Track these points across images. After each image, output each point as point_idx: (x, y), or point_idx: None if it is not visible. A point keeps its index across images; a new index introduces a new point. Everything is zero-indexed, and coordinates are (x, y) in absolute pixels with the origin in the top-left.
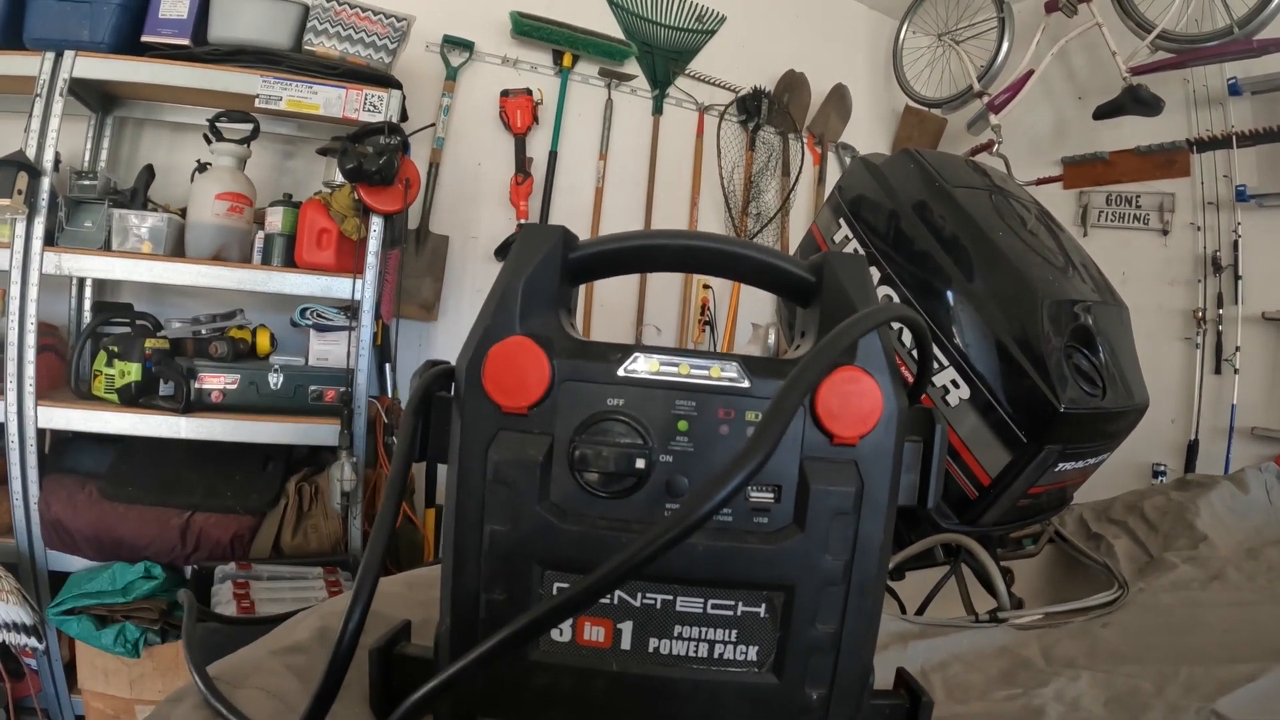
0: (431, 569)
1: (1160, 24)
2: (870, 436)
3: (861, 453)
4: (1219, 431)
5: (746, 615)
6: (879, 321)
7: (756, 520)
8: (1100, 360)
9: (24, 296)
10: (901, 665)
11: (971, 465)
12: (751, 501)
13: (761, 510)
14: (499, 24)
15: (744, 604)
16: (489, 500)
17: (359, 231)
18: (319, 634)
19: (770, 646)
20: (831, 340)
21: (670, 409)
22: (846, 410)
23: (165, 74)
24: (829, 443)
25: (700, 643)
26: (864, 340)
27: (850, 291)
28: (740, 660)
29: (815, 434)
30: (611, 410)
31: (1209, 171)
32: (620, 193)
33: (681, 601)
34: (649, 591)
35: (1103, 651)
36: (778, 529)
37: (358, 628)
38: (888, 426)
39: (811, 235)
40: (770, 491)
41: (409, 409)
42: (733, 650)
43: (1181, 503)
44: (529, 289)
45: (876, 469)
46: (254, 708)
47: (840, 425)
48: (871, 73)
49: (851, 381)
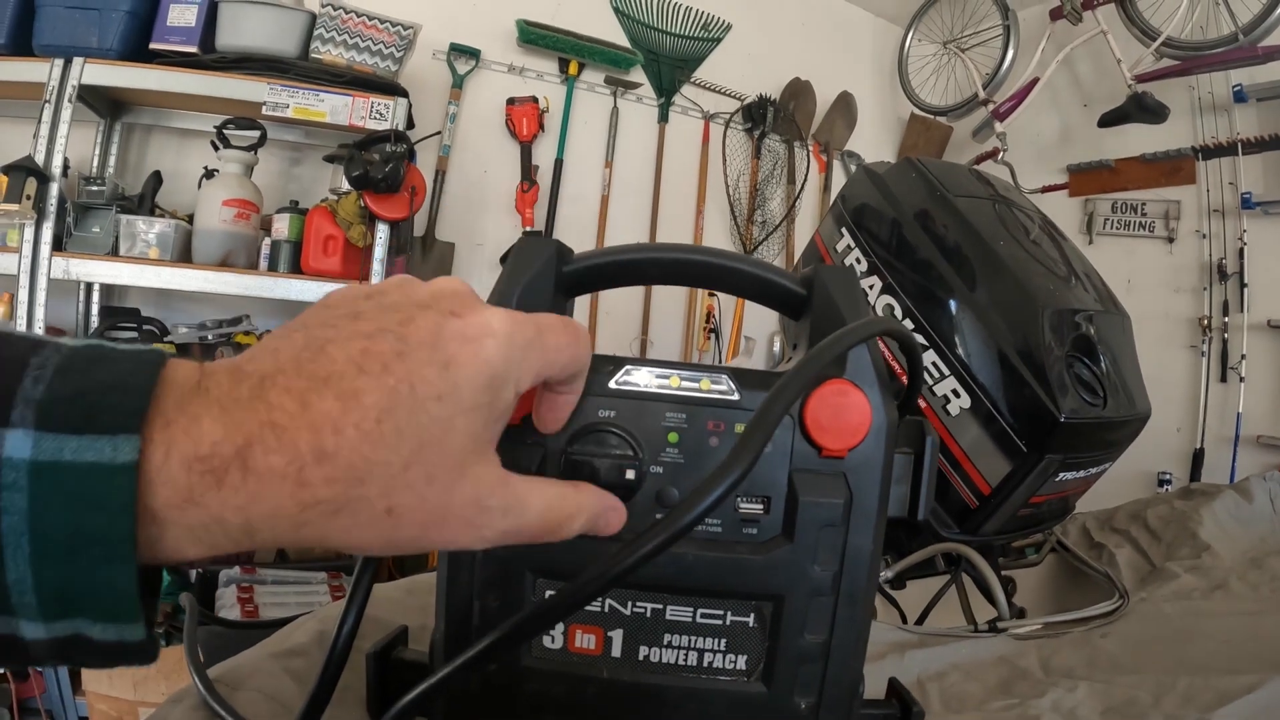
0: (430, 575)
1: (1165, 31)
2: (859, 449)
3: (850, 465)
4: (1224, 440)
5: (736, 624)
6: (865, 335)
7: (746, 531)
8: (1101, 369)
9: (32, 301)
10: (899, 675)
11: (972, 475)
12: (741, 512)
13: (751, 521)
14: (505, 32)
15: (733, 613)
16: None
17: (365, 238)
18: (317, 638)
19: (759, 655)
20: (816, 354)
21: (661, 421)
22: (835, 423)
23: (173, 81)
24: (818, 455)
25: (690, 651)
26: (854, 353)
27: (840, 304)
28: (730, 669)
29: (804, 446)
30: (603, 421)
31: (1214, 179)
32: (626, 201)
33: (671, 610)
34: (639, 600)
35: (1101, 662)
36: (767, 540)
37: (352, 630)
38: (877, 439)
39: (815, 245)
40: (759, 503)
41: None
42: (722, 659)
43: (1185, 512)
44: (524, 301)
45: (865, 481)
46: (252, 709)
47: (829, 438)
48: (877, 80)
49: (840, 394)
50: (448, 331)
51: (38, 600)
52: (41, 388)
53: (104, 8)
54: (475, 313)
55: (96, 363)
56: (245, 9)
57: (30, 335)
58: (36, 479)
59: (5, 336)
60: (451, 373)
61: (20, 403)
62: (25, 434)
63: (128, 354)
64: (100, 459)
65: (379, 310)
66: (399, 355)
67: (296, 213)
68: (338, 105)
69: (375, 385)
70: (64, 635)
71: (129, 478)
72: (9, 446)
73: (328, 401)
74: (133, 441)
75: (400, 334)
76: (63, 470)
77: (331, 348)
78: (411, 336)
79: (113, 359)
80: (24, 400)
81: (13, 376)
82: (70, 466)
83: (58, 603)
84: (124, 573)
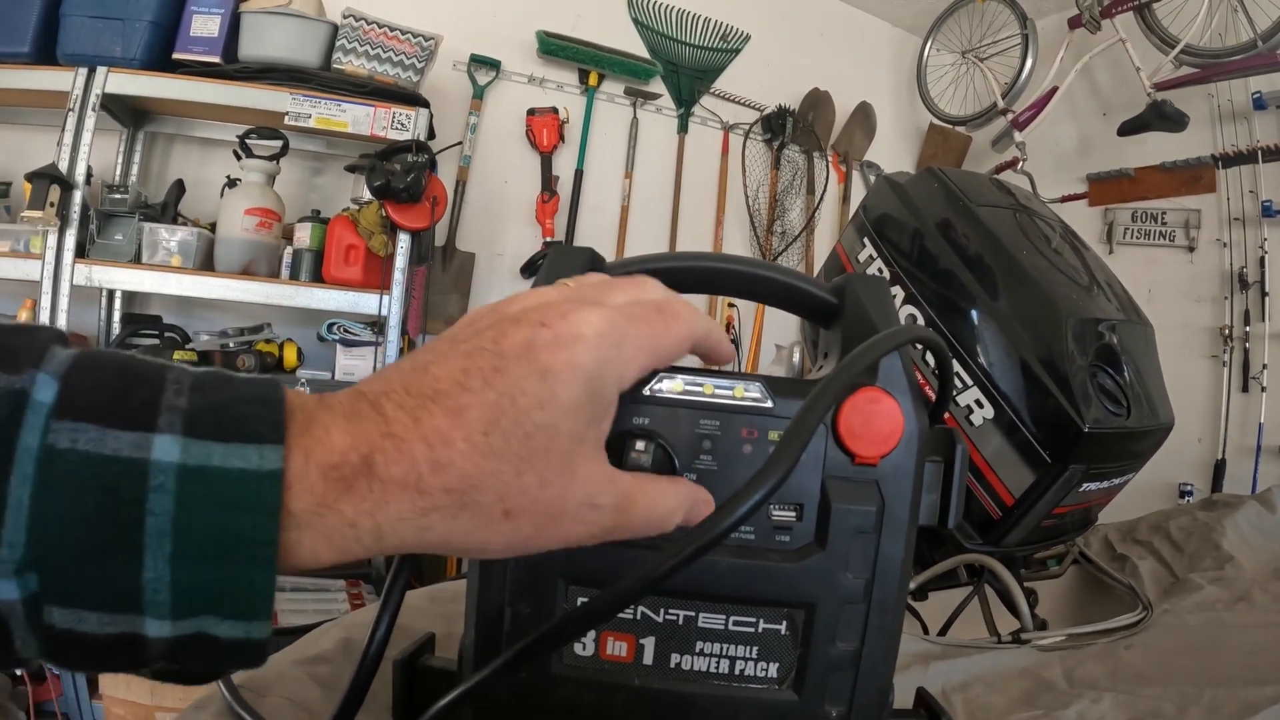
0: (455, 583)
1: (1184, 39)
2: (891, 456)
3: (882, 472)
4: (1246, 450)
5: (768, 632)
6: (900, 342)
7: (778, 538)
8: (1125, 379)
9: (55, 307)
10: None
11: (995, 485)
12: (773, 520)
13: (783, 528)
14: (525, 43)
15: (765, 621)
16: None
17: (386, 248)
18: (343, 645)
19: (790, 663)
20: (851, 361)
21: (695, 428)
22: (868, 430)
23: (196, 90)
24: (850, 462)
25: (721, 659)
26: (885, 361)
27: (872, 313)
28: (761, 677)
29: (837, 453)
30: (637, 429)
31: (1234, 187)
32: (646, 211)
33: (704, 618)
34: (672, 607)
35: (1126, 673)
36: (799, 547)
37: (385, 637)
38: (909, 446)
39: (836, 255)
40: (792, 510)
41: None
42: (753, 667)
43: (1207, 523)
44: None
45: (897, 489)
46: (278, 716)
47: (861, 445)
48: (896, 90)
49: (873, 402)
50: (539, 342)
51: (171, 598)
52: (184, 399)
53: (127, 18)
54: (565, 320)
55: (226, 381)
56: (268, 20)
57: (151, 357)
58: (185, 482)
59: (129, 356)
60: (548, 381)
61: (165, 411)
62: (173, 440)
63: (251, 378)
64: (248, 465)
65: (474, 331)
66: (497, 370)
67: (318, 222)
68: (359, 115)
69: (478, 400)
70: (188, 633)
71: (275, 483)
72: (157, 450)
73: (437, 417)
74: (278, 450)
75: (496, 350)
76: (211, 475)
77: (435, 368)
78: (507, 351)
79: (238, 380)
80: (169, 409)
81: (154, 388)
82: (218, 472)
83: (190, 601)
84: (264, 573)
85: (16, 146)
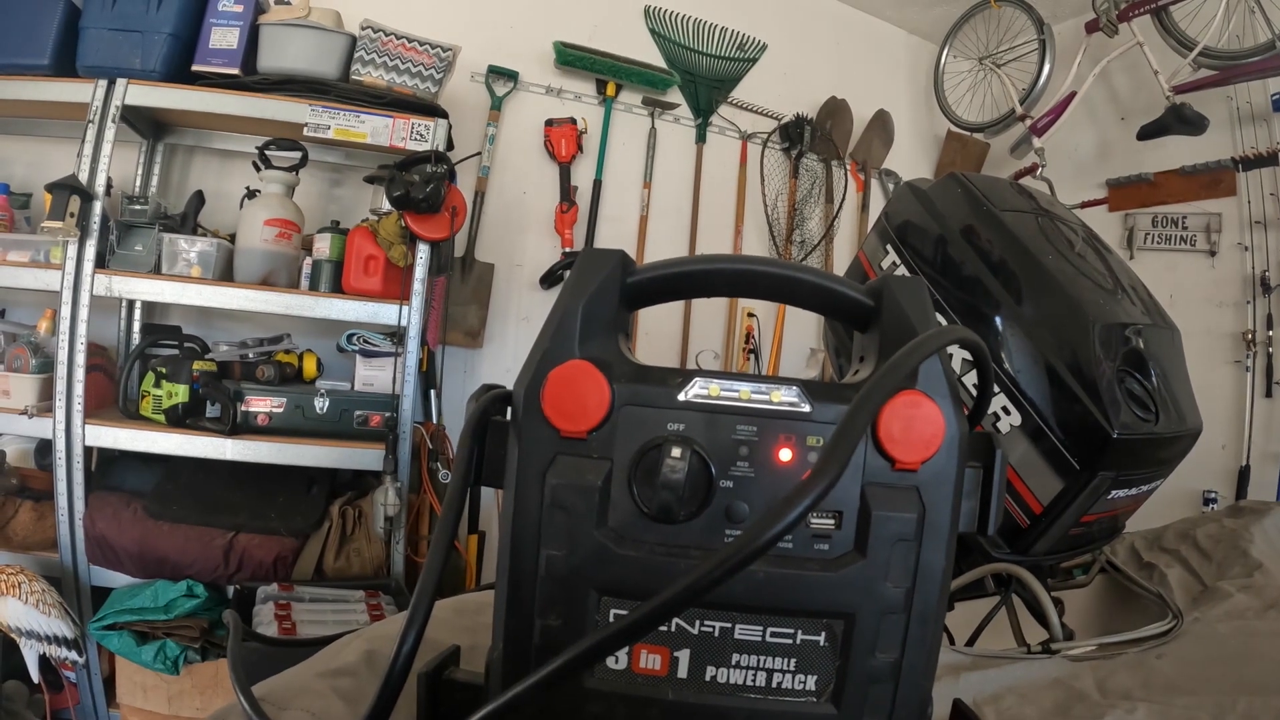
0: (479, 595)
1: (1202, 41)
2: (932, 462)
3: (923, 478)
4: (1271, 457)
5: (806, 643)
6: (943, 343)
7: (817, 547)
8: (1152, 384)
9: (74, 317)
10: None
11: (1023, 493)
12: (812, 528)
13: (822, 537)
14: (543, 54)
15: (804, 632)
16: (545, 525)
17: (406, 258)
18: (366, 657)
19: (829, 676)
20: (896, 363)
21: (731, 434)
22: (909, 435)
23: (215, 102)
24: (890, 468)
25: (759, 671)
26: (925, 364)
27: (911, 315)
28: (799, 690)
29: (877, 459)
30: (672, 435)
31: (1255, 190)
32: (664, 221)
33: (740, 629)
34: (707, 619)
35: (1158, 683)
36: (839, 556)
37: (412, 650)
38: (949, 452)
39: (858, 262)
40: (831, 518)
41: (465, 433)
42: (791, 679)
43: (1235, 530)
44: (588, 313)
45: (938, 495)
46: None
47: (902, 450)
48: (913, 98)
49: (914, 406)
50: None
51: None
52: None
53: (147, 30)
54: None
55: None
56: (286, 32)
57: None
58: None
59: None
60: None
61: None
62: None
63: None
64: None
65: None
66: None
67: (338, 233)
68: (378, 126)
69: None
70: None
71: None
72: None
73: None
74: None
75: None
76: None
77: None
78: None
79: None
80: None
81: None
82: None
83: None
84: None
85: (37, 158)
